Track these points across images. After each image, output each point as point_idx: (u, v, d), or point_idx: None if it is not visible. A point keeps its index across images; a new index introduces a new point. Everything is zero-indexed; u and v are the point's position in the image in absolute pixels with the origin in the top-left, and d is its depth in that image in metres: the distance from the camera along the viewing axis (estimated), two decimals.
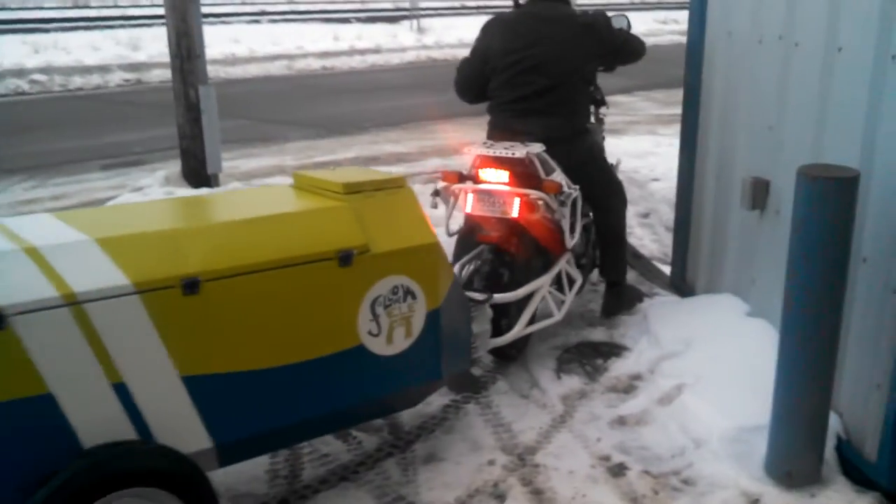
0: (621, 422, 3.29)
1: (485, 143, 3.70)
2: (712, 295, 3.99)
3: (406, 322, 2.83)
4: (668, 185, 8.02)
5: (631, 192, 7.90)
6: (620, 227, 4.18)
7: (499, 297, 3.46)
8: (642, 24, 32.89)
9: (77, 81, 16.06)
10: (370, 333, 2.74)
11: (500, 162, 3.56)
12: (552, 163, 3.71)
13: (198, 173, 7.23)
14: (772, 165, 3.45)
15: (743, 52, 3.74)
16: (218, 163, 7.31)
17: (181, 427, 2.37)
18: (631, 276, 5.18)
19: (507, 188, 3.57)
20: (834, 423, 2.87)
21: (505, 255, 3.60)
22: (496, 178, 3.59)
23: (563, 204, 3.67)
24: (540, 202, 3.56)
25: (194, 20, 6.95)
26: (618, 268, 4.21)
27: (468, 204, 3.61)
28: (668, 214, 7.42)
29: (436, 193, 3.72)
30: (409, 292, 2.81)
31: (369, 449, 3.19)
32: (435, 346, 2.92)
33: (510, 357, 3.81)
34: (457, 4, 42.21)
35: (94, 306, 2.19)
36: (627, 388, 3.57)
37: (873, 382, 2.76)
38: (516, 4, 4.00)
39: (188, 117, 7.12)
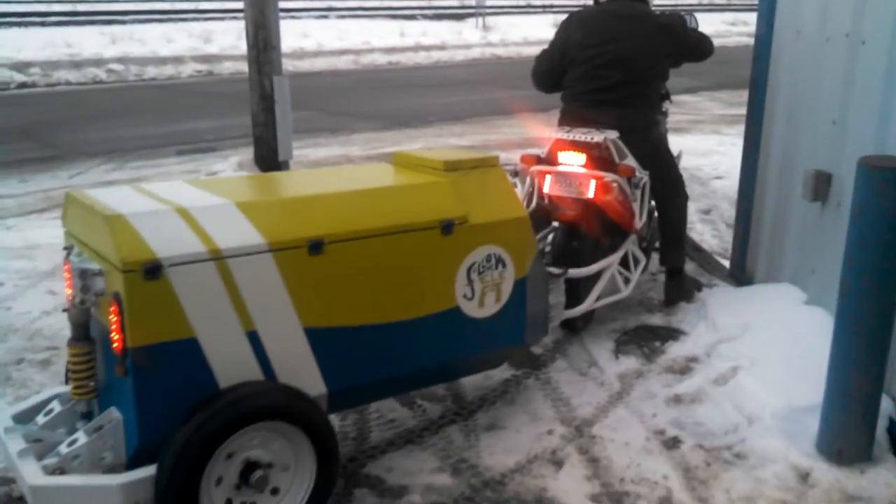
0: (677, 400, 3.41)
1: (563, 128, 3.91)
2: (771, 284, 4.07)
3: (497, 288, 3.06)
4: (730, 182, 8.05)
5: (693, 189, 7.98)
6: (682, 216, 4.34)
7: (573, 272, 3.69)
8: (710, 26, 32.50)
9: (152, 71, 16.61)
10: (465, 297, 2.97)
11: (577, 146, 3.79)
12: (625, 149, 3.92)
13: (269, 160, 7.49)
14: (834, 158, 3.53)
15: (810, 49, 3.81)
16: (289, 150, 7.56)
17: (301, 373, 2.62)
18: (690, 268, 5.27)
19: (583, 171, 3.79)
20: (886, 405, 2.95)
21: (579, 233, 3.82)
22: (574, 161, 3.82)
23: (635, 187, 3.89)
24: (614, 185, 3.78)
25: (272, 13, 7.20)
26: (678, 256, 4.36)
27: (546, 184, 3.84)
28: (729, 211, 7.46)
29: (514, 174, 3.93)
30: (500, 261, 3.04)
31: (433, 416, 3.37)
32: (520, 312, 3.15)
33: (577, 329, 4.02)
34: (522, 3, 42.24)
35: (234, 262, 2.44)
36: (683, 369, 3.68)
37: None
38: (596, 2, 4.22)
39: (262, 106, 7.38)
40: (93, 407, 2.58)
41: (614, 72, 3.98)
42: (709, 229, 7.18)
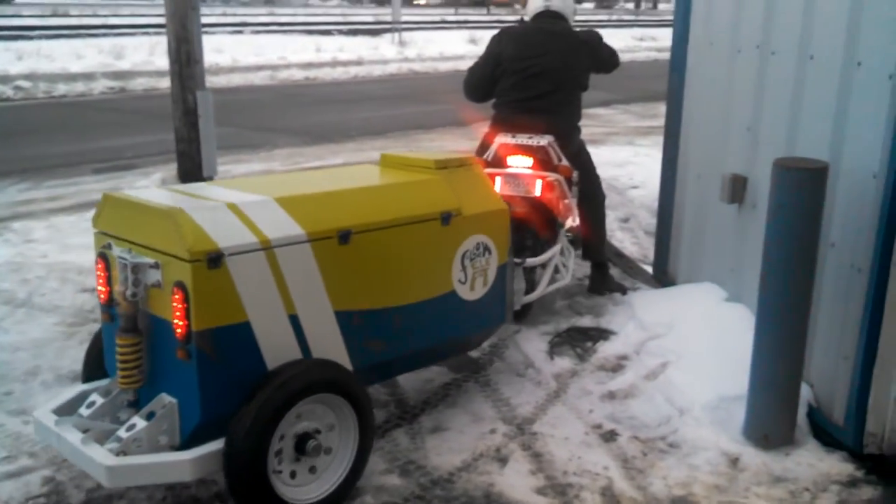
0: (611, 396, 3.56)
1: (506, 134, 4.28)
2: (692, 284, 4.28)
3: (484, 273, 3.42)
4: (646, 192, 8.36)
5: (611, 199, 8.23)
6: (601, 213, 4.79)
7: (530, 261, 4.10)
8: (620, 41, 33.35)
9: (62, 88, 16.17)
10: (459, 282, 3.32)
11: (524, 149, 4.21)
12: (560, 152, 4.30)
13: (193, 176, 7.42)
14: (749, 163, 3.76)
15: (723, 60, 4.05)
16: (214, 166, 7.53)
17: (332, 354, 2.87)
18: (615, 273, 5.48)
19: (530, 171, 4.18)
20: (805, 392, 3.16)
21: (527, 228, 4.16)
22: (521, 164, 4.22)
23: (574, 185, 4.32)
24: (556, 183, 4.19)
25: (194, 27, 7.18)
26: (601, 249, 4.75)
27: (497, 185, 4.14)
28: (647, 219, 7.75)
29: None
30: (486, 248, 3.41)
31: (378, 421, 3.42)
32: (502, 294, 3.54)
33: (523, 316, 4.30)
34: (437, 19, 42.59)
35: (280, 251, 2.69)
36: (615, 366, 3.85)
37: (841, 355, 3.06)
38: (522, 21, 4.64)
39: (185, 121, 7.33)
40: (138, 395, 2.73)
41: (544, 82, 4.36)
42: (628, 237, 7.44)
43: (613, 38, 38.44)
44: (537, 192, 4.14)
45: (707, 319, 3.80)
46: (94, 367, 3.05)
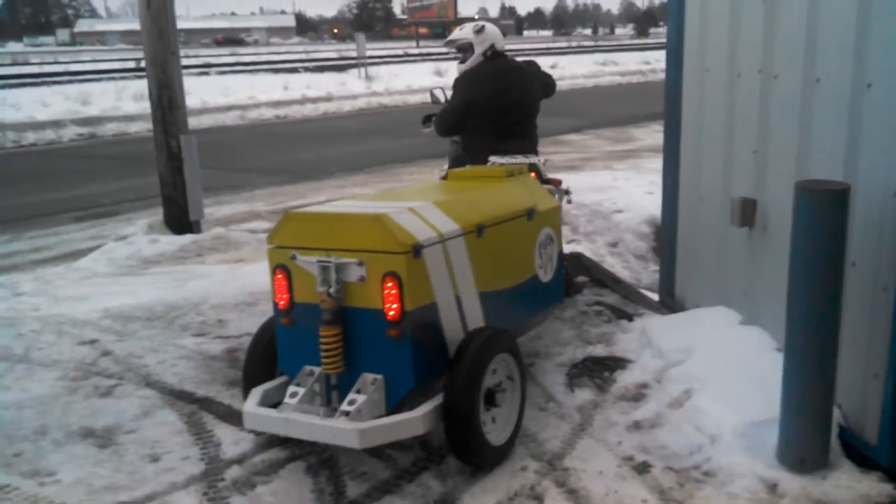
0: (637, 426, 3.54)
1: (498, 156, 4.71)
2: (704, 308, 4.28)
3: (550, 260, 4.11)
4: (631, 215, 8.40)
5: (597, 224, 8.30)
6: None
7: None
8: (584, 67, 33.92)
9: (31, 137, 16.03)
10: (539, 267, 4.00)
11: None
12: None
13: (180, 220, 7.37)
14: (758, 186, 3.79)
15: (721, 85, 4.09)
16: (200, 210, 7.47)
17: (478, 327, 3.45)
18: (614, 300, 5.49)
19: None
20: (835, 413, 3.16)
21: None
22: None
23: (566, 193, 4.82)
24: (553, 192, 4.61)
25: (175, 72, 7.15)
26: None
27: None
28: (636, 243, 7.80)
29: None
30: (551, 239, 4.11)
31: (405, 465, 3.38)
32: (561, 277, 4.27)
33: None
34: (400, 52, 42.87)
35: (449, 243, 3.28)
36: (637, 396, 3.82)
37: (870, 373, 3.06)
38: (483, 58, 5.03)
39: (170, 166, 7.28)
40: (339, 380, 3.20)
41: (515, 113, 4.92)
42: (619, 261, 7.49)
43: (576, 64, 39.07)
44: None
45: (725, 344, 3.80)
46: (258, 373, 3.50)
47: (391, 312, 3.03)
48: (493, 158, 4.64)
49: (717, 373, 3.61)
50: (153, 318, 5.38)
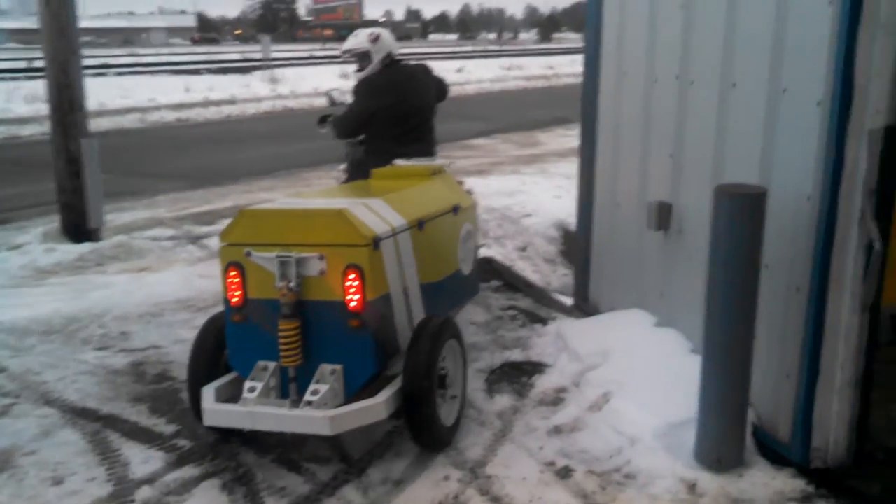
0: (557, 430, 3.53)
1: (406, 159, 4.80)
2: (620, 311, 4.33)
3: (471, 253, 4.38)
4: (539, 219, 8.47)
5: (507, 228, 8.32)
6: None
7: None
8: (489, 71, 34.19)
9: None
10: (461, 260, 4.22)
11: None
12: None
13: (78, 228, 7.04)
14: (673, 190, 3.84)
15: (638, 90, 4.14)
16: (100, 217, 7.16)
17: (420, 317, 3.62)
18: (527, 304, 5.51)
19: None
20: (749, 413, 3.22)
21: None
22: None
23: (468, 192, 4.94)
24: None
25: (76, 72, 6.83)
26: None
27: None
28: (545, 247, 7.86)
29: None
30: (470, 234, 4.34)
31: (325, 478, 3.28)
32: (478, 270, 4.60)
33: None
34: (305, 55, 42.36)
35: (400, 236, 3.44)
36: (555, 400, 3.83)
37: (783, 373, 3.14)
38: (365, 67, 5.19)
39: (68, 171, 6.95)
40: (297, 372, 3.25)
41: (414, 118, 5.10)
42: (529, 265, 7.52)
43: (482, 68, 39.26)
44: None
45: (641, 346, 3.84)
46: (205, 373, 3.46)
47: (353, 304, 3.17)
48: (398, 161, 4.72)
49: (634, 375, 3.64)
50: (51, 331, 5.12)
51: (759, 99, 3.19)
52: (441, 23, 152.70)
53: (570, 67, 38.41)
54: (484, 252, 7.24)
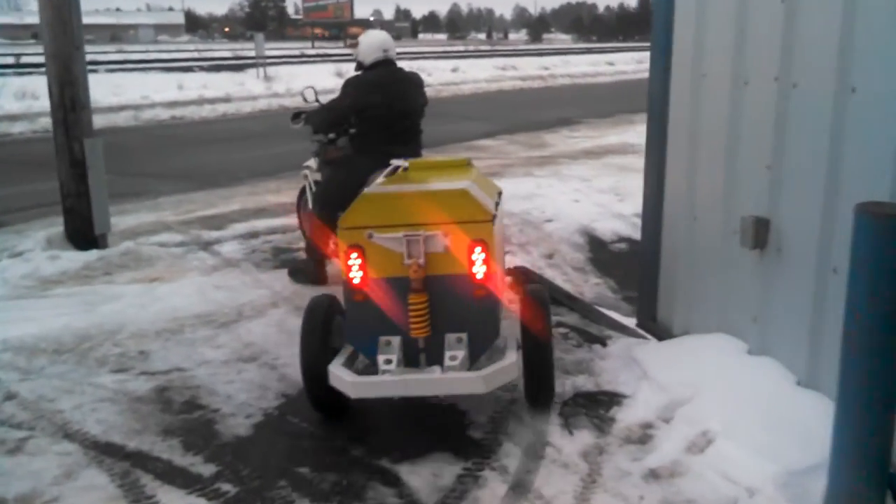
0: (654, 475, 3.12)
1: (399, 159, 4.65)
2: (704, 335, 3.91)
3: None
4: (562, 224, 8.05)
5: (528, 234, 7.89)
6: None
7: None
8: (484, 71, 33.85)
9: None
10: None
11: None
12: None
13: (83, 234, 6.58)
14: (771, 204, 3.44)
15: (723, 93, 3.74)
16: (107, 221, 6.70)
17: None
18: (574, 319, 5.11)
19: None
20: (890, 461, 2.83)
21: None
22: None
23: None
24: None
25: (79, 68, 6.37)
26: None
27: None
28: (571, 254, 7.44)
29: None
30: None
31: None
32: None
33: None
34: (297, 53, 41.90)
35: (496, 217, 3.60)
36: (643, 437, 3.42)
37: None
38: (361, 67, 5.46)
39: (72, 173, 6.48)
40: (425, 343, 3.46)
41: (405, 120, 5.38)
42: (558, 274, 7.06)
43: (477, 68, 38.97)
44: None
45: (737, 377, 3.44)
46: (321, 355, 3.59)
47: (479, 275, 3.38)
48: (395, 162, 4.58)
49: (734, 411, 3.24)
50: (62, 350, 4.67)
51: (888, 105, 2.78)
52: (431, 22, 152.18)
53: (564, 68, 38.21)
54: (511, 260, 6.84)
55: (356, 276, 3.45)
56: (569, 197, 9.47)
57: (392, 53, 5.49)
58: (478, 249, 3.36)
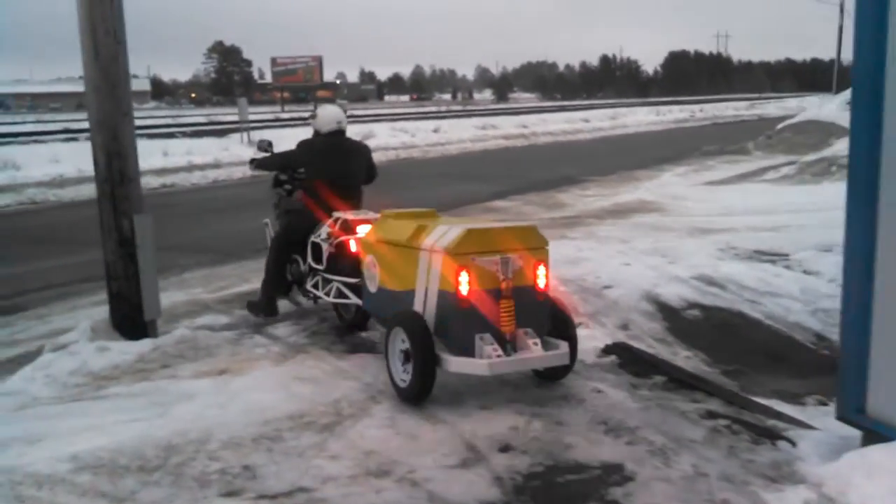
0: None
1: (351, 213, 6.26)
2: None
3: None
4: (624, 291, 7.41)
5: (593, 303, 7.21)
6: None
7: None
8: (466, 131, 33.60)
9: None
10: None
11: (368, 220, 6.00)
12: None
13: (132, 321, 5.84)
14: None
15: None
16: (157, 307, 5.97)
17: None
18: (718, 406, 4.49)
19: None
20: None
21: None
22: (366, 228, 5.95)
23: None
24: None
25: (128, 137, 5.69)
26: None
27: (353, 242, 6.02)
28: (647, 324, 6.81)
29: (327, 236, 6.26)
30: None
31: None
32: None
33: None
34: (271, 117, 41.53)
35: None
36: None
37: None
38: (318, 134, 6.64)
39: (121, 253, 5.76)
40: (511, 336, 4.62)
41: (346, 181, 6.49)
42: (644, 348, 6.43)
43: (458, 128, 38.93)
44: None
45: None
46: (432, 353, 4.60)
47: (542, 286, 4.72)
48: (344, 214, 6.16)
49: None
50: (148, 467, 3.94)
51: None
52: (395, 84, 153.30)
53: (542, 126, 38.26)
54: (588, 333, 6.20)
55: (465, 288, 4.48)
56: (617, 261, 8.82)
57: (344, 125, 6.62)
58: (541, 266, 4.69)
